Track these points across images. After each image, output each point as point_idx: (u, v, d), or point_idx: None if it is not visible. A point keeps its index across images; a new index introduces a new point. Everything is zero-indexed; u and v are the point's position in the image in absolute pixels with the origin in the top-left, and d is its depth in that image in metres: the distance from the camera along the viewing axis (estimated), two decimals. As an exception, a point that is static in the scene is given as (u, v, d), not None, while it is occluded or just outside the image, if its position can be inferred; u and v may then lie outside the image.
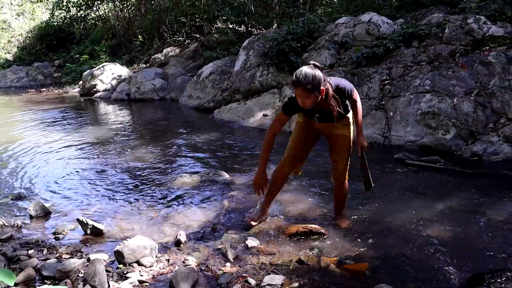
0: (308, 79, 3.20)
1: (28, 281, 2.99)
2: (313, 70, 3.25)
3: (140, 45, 18.68)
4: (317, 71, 3.26)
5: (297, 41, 9.09)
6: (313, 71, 3.24)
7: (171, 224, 4.12)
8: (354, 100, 3.62)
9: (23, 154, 7.00)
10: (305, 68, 3.27)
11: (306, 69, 3.25)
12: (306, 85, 3.20)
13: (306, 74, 3.21)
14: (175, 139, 7.82)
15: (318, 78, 3.23)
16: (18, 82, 20.00)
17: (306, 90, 3.22)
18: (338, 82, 3.46)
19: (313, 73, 3.23)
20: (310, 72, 3.22)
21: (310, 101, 3.30)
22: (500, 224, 3.87)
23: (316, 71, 3.25)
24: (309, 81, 3.20)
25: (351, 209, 4.29)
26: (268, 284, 2.89)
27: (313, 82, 3.21)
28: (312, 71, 3.24)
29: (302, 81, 3.21)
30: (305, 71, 3.23)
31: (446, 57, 7.14)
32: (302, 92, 3.25)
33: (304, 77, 3.21)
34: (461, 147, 6.16)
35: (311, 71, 3.23)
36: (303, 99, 3.29)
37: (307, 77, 3.21)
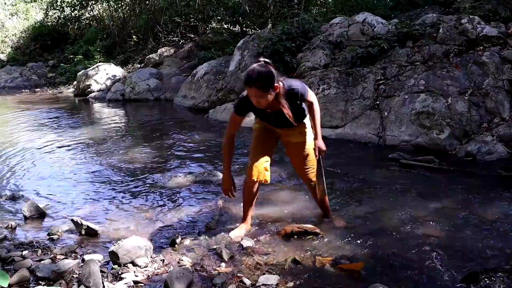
0: (262, 77, 3.09)
1: (22, 282, 2.98)
2: (266, 67, 3.14)
3: (134, 45, 18.64)
4: (270, 68, 3.15)
5: (292, 41, 9.10)
6: (265, 68, 3.13)
7: (166, 224, 4.11)
8: (310, 102, 3.50)
9: (17, 154, 6.96)
10: (257, 66, 3.14)
11: (259, 68, 3.12)
12: (260, 84, 3.10)
13: (260, 72, 3.10)
14: (170, 139, 7.81)
15: (272, 75, 3.13)
16: (12, 83, 19.91)
17: (261, 89, 3.11)
18: (290, 83, 3.36)
19: (266, 71, 3.11)
20: (263, 70, 3.11)
21: (265, 100, 3.19)
22: (494, 223, 3.88)
23: (269, 69, 3.14)
24: (263, 79, 3.09)
25: (345, 209, 4.30)
26: (263, 284, 2.89)
27: (267, 80, 3.10)
28: (265, 69, 3.12)
29: (256, 81, 3.09)
30: (258, 70, 3.11)
31: (440, 57, 7.16)
32: (257, 91, 3.13)
33: (257, 76, 3.09)
34: (455, 146, 6.18)
35: (263, 69, 3.12)
36: (258, 99, 3.18)
37: (260, 75, 3.09)
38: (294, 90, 3.34)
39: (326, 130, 7.35)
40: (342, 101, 7.48)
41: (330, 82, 7.86)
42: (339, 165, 5.83)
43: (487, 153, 5.85)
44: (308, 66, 8.57)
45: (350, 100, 7.42)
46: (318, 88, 7.90)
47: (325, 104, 7.60)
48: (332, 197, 4.63)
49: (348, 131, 7.16)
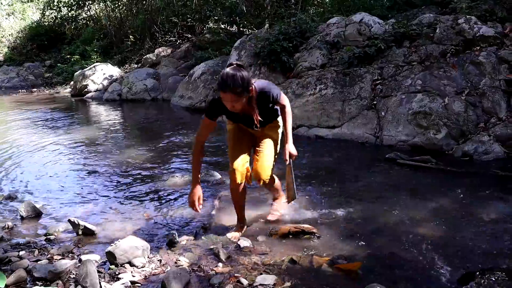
0: (237, 82, 3.04)
1: (19, 282, 2.98)
2: (240, 71, 3.10)
3: (131, 45, 18.62)
4: (244, 71, 3.12)
5: (289, 41, 9.09)
6: (240, 72, 3.08)
7: (163, 224, 4.12)
8: (283, 105, 3.51)
9: (14, 154, 6.96)
10: (230, 70, 3.10)
11: (233, 72, 3.08)
12: (236, 88, 3.05)
13: (234, 77, 3.05)
14: (167, 139, 7.80)
15: (247, 79, 3.11)
16: (8, 83, 19.88)
17: (236, 94, 3.08)
18: (262, 86, 3.35)
19: (241, 75, 3.07)
20: (238, 74, 3.06)
21: (240, 104, 3.17)
22: (491, 223, 3.89)
23: (243, 72, 3.11)
24: (239, 84, 3.05)
25: (342, 209, 4.30)
26: (260, 284, 2.89)
27: (242, 84, 3.07)
28: (239, 73, 3.08)
29: (231, 85, 3.04)
30: (232, 74, 3.06)
31: (437, 57, 7.17)
32: (232, 96, 3.08)
33: (232, 80, 3.04)
34: (452, 146, 6.19)
35: (238, 73, 3.07)
36: (233, 103, 3.14)
37: (235, 80, 3.04)
38: (267, 93, 3.35)
39: (323, 130, 7.37)
40: (339, 101, 7.49)
41: (327, 82, 7.86)
42: (336, 165, 5.85)
43: (484, 153, 5.86)
44: (305, 66, 8.57)
45: (347, 100, 7.43)
46: (315, 88, 7.90)
47: (322, 104, 7.61)
48: (329, 197, 4.64)
49: (345, 131, 7.17)
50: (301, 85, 8.20)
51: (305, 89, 8.05)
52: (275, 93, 3.39)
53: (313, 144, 7.05)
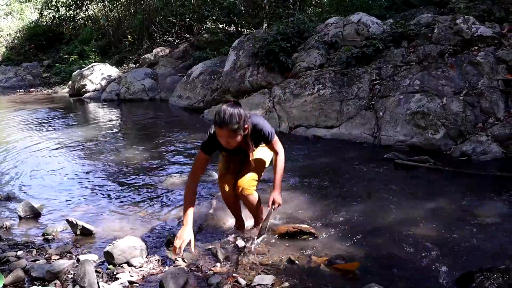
0: (234, 119, 3.06)
1: (17, 282, 2.97)
2: (236, 108, 3.11)
3: (129, 45, 18.62)
4: (240, 109, 3.14)
5: (287, 41, 9.09)
6: (236, 109, 3.10)
7: (161, 224, 4.11)
8: (276, 151, 3.55)
9: (12, 154, 6.95)
10: (228, 107, 3.10)
11: (230, 109, 3.08)
12: (232, 125, 3.06)
13: (231, 114, 3.05)
14: (165, 139, 7.80)
15: (243, 117, 3.13)
16: (6, 82, 19.87)
17: (232, 131, 3.09)
18: (256, 122, 3.35)
19: (238, 112, 3.09)
20: (235, 112, 3.08)
21: (235, 141, 3.19)
22: (488, 223, 3.90)
23: (240, 109, 3.13)
24: (235, 121, 3.06)
25: (340, 209, 4.31)
26: (259, 284, 2.89)
27: (238, 122, 3.08)
28: (236, 110, 3.09)
29: (228, 122, 3.05)
30: (230, 111, 3.06)
31: (435, 57, 7.17)
32: (228, 133, 3.10)
33: (229, 117, 3.04)
34: (450, 146, 6.20)
35: (235, 110, 3.09)
36: (228, 140, 3.16)
37: (232, 117, 3.05)
38: (260, 130, 3.37)
39: (321, 130, 7.37)
40: (337, 101, 7.49)
41: (325, 82, 7.87)
42: (334, 165, 5.85)
43: (482, 153, 5.86)
44: (303, 66, 8.57)
45: (345, 100, 7.43)
46: (313, 88, 7.91)
47: (320, 104, 7.61)
48: (327, 197, 4.64)
49: (343, 131, 7.17)
50: (299, 85, 8.20)
51: (303, 89, 8.06)
52: (267, 132, 3.41)
53: (311, 144, 7.05)
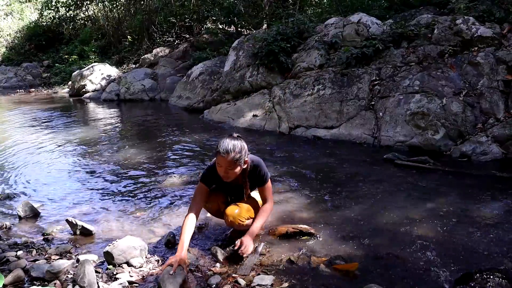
0: (236, 149, 3.13)
1: (17, 282, 2.97)
2: (239, 140, 3.19)
3: (129, 45, 18.64)
4: (243, 142, 3.21)
5: (287, 42, 9.10)
6: (239, 142, 3.18)
7: (160, 224, 4.11)
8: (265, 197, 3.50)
9: (12, 154, 6.95)
10: (230, 139, 3.18)
11: (233, 140, 3.16)
12: (234, 156, 3.12)
13: (234, 145, 3.13)
14: (164, 139, 7.80)
15: (245, 149, 3.19)
16: (6, 83, 19.87)
17: (233, 160, 3.14)
18: (256, 160, 3.43)
19: (241, 144, 3.17)
20: (238, 143, 3.15)
21: (234, 173, 3.22)
22: (488, 224, 3.90)
23: (242, 142, 3.21)
24: (238, 151, 3.13)
25: (340, 209, 4.31)
26: (258, 284, 2.89)
27: (241, 153, 3.15)
28: (239, 142, 3.17)
29: (230, 151, 3.11)
30: (233, 142, 3.14)
31: (435, 57, 7.18)
32: (229, 163, 3.15)
33: (232, 147, 3.11)
34: (450, 147, 6.20)
35: (238, 142, 3.17)
36: (228, 170, 3.19)
37: (235, 147, 3.12)
38: (259, 169, 3.40)
39: (321, 131, 7.37)
40: (337, 102, 7.50)
41: (325, 83, 7.87)
42: (334, 166, 5.85)
43: (481, 154, 5.87)
44: (303, 67, 8.57)
45: (345, 101, 7.44)
46: (313, 88, 7.91)
47: (320, 105, 7.62)
48: (327, 198, 4.64)
49: (343, 132, 7.17)
50: (299, 85, 8.21)
51: (303, 89, 8.06)
52: (264, 172, 3.45)
53: (311, 145, 7.05)
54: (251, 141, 7.36)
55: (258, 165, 3.40)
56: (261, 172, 3.42)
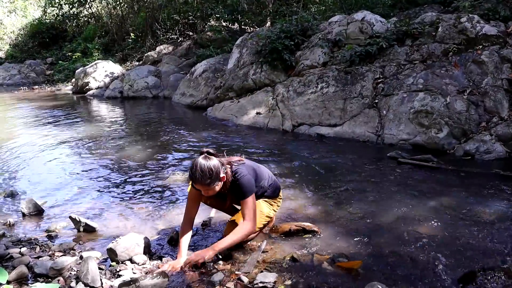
0: (205, 175, 3.09)
1: (21, 278, 2.98)
2: (208, 161, 3.13)
3: (133, 43, 18.65)
4: (213, 160, 3.15)
5: (291, 39, 9.10)
6: (208, 163, 3.11)
7: (163, 221, 4.12)
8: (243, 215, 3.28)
9: (16, 151, 6.96)
10: (200, 161, 3.11)
11: (201, 163, 3.10)
12: (204, 181, 3.10)
13: (202, 170, 3.08)
14: (168, 136, 7.81)
15: (216, 170, 3.12)
16: (10, 80, 19.92)
17: (206, 185, 3.13)
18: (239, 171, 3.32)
19: (209, 166, 3.10)
20: (206, 166, 3.09)
21: (213, 191, 3.22)
22: (492, 222, 3.89)
23: (212, 162, 3.13)
24: (207, 176, 3.09)
25: (343, 207, 4.30)
26: (261, 281, 2.89)
27: (211, 176, 3.11)
28: (208, 163, 3.11)
29: (200, 179, 3.09)
30: (201, 167, 3.08)
31: (439, 56, 7.16)
32: (203, 187, 3.15)
33: (200, 174, 3.08)
34: (453, 145, 6.19)
35: (206, 164, 3.10)
36: (207, 191, 3.21)
37: (203, 173, 3.08)
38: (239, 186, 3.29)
39: (324, 129, 7.36)
40: (341, 100, 7.49)
41: (328, 81, 7.86)
42: (337, 164, 5.84)
43: (485, 152, 5.85)
44: (307, 64, 8.56)
45: (349, 99, 7.42)
46: (317, 86, 7.90)
47: (323, 102, 7.61)
48: (330, 196, 4.64)
49: (346, 130, 7.16)
50: (302, 83, 8.20)
51: (307, 87, 8.05)
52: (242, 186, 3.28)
53: (314, 143, 7.05)
54: (254, 139, 7.36)
55: (239, 180, 3.29)
56: (240, 186, 3.29)
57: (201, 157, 3.16)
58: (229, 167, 3.30)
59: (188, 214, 3.43)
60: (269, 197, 3.66)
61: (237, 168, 3.32)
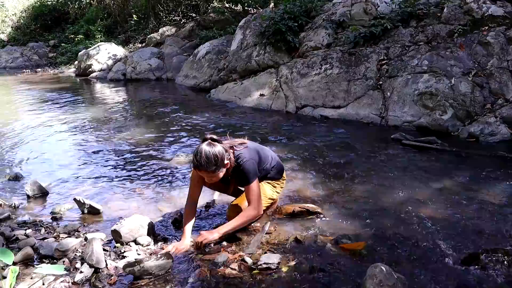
0: (210, 162, 3.05)
1: (27, 260, 3.01)
2: (213, 147, 3.08)
3: (135, 25, 18.54)
4: (217, 147, 3.11)
5: (294, 21, 9.03)
6: (213, 149, 3.07)
7: (167, 203, 4.14)
8: (248, 199, 3.28)
9: (20, 134, 6.98)
10: (204, 148, 3.06)
11: (206, 150, 3.05)
12: (209, 168, 3.06)
13: (207, 157, 3.03)
14: (171, 118, 7.80)
15: (220, 156, 3.08)
16: (13, 63, 19.89)
17: (211, 172, 3.09)
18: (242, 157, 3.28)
19: (214, 153, 3.06)
20: (211, 153, 3.05)
21: (217, 178, 3.19)
22: (495, 204, 3.88)
23: (216, 148, 3.09)
24: (212, 163, 3.06)
25: (347, 189, 4.31)
26: (265, 263, 2.90)
27: (216, 163, 3.07)
28: (212, 150, 3.06)
29: (205, 165, 3.05)
30: (205, 153, 3.04)
31: (444, 37, 7.10)
32: (207, 174, 3.11)
33: (205, 161, 3.03)
34: (458, 127, 6.16)
35: (211, 150, 3.05)
36: (210, 178, 3.18)
37: (208, 160, 3.04)
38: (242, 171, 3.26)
39: (328, 110, 7.35)
40: (345, 81, 7.45)
41: (332, 62, 7.82)
42: (341, 145, 5.83)
43: (490, 135, 5.83)
44: (311, 46, 8.51)
45: (353, 80, 7.39)
46: (321, 67, 7.86)
47: (327, 84, 7.57)
48: (333, 177, 4.64)
49: (350, 111, 7.14)
50: (306, 64, 8.15)
51: (310, 68, 8.01)
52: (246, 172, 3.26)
53: (318, 124, 7.03)
54: (258, 120, 7.35)
55: (242, 165, 3.26)
56: (244, 172, 3.27)
57: (205, 143, 3.13)
58: (232, 152, 3.26)
59: (191, 197, 3.45)
60: (273, 179, 3.66)
61: (239, 153, 3.29)
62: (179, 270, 2.91)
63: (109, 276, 2.83)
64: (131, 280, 2.79)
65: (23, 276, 2.82)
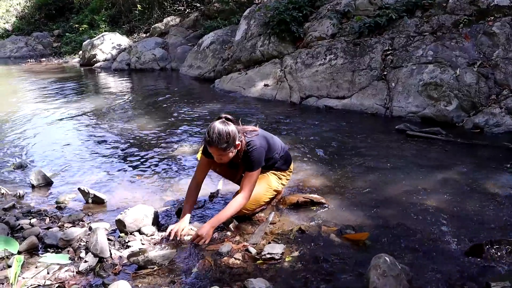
0: (222, 138, 3.04)
1: (31, 249, 3.02)
2: (226, 126, 3.09)
3: (140, 15, 18.48)
4: (231, 126, 3.11)
5: (299, 11, 9.00)
6: (226, 127, 3.07)
7: (172, 192, 4.14)
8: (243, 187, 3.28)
9: (24, 124, 6.99)
10: (217, 125, 3.07)
11: (219, 127, 3.06)
12: (221, 145, 3.06)
13: (220, 133, 3.03)
14: (176, 108, 7.80)
15: (233, 135, 3.08)
16: (17, 52, 19.90)
17: (222, 149, 3.08)
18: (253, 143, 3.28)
19: (227, 130, 3.06)
20: (224, 130, 3.05)
21: (227, 157, 3.18)
22: (499, 195, 3.88)
23: (230, 127, 3.10)
24: (224, 140, 3.05)
25: (351, 179, 4.31)
26: (269, 253, 2.91)
27: (228, 140, 3.06)
28: (226, 128, 3.07)
29: (216, 141, 3.04)
30: (218, 130, 3.04)
31: (450, 27, 7.05)
32: (218, 151, 3.10)
33: (218, 136, 3.03)
34: (463, 118, 6.14)
35: (224, 128, 3.06)
36: (220, 157, 3.18)
37: (221, 136, 3.03)
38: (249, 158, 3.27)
39: (332, 101, 7.33)
40: (349, 72, 7.42)
41: (337, 52, 7.79)
42: (345, 136, 5.83)
43: (495, 126, 5.81)
44: (315, 36, 8.48)
45: (357, 71, 7.36)
46: (325, 58, 7.84)
47: (331, 74, 7.55)
48: (338, 168, 4.64)
49: (354, 102, 7.12)
50: (310, 54, 8.13)
51: (315, 59, 7.99)
52: (252, 159, 3.27)
53: (322, 115, 7.02)
54: (262, 111, 7.34)
55: (251, 151, 3.26)
56: (250, 158, 3.28)
57: (219, 121, 3.14)
58: (244, 137, 3.27)
59: (196, 178, 3.47)
60: (279, 169, 3.66)
61: (250, 140, 3.30)
62: (183, 260, 2.92)
63: (113, 266, 2.84)
64: (135, 269, 2.80)
65: (28, 265, 2.83)
